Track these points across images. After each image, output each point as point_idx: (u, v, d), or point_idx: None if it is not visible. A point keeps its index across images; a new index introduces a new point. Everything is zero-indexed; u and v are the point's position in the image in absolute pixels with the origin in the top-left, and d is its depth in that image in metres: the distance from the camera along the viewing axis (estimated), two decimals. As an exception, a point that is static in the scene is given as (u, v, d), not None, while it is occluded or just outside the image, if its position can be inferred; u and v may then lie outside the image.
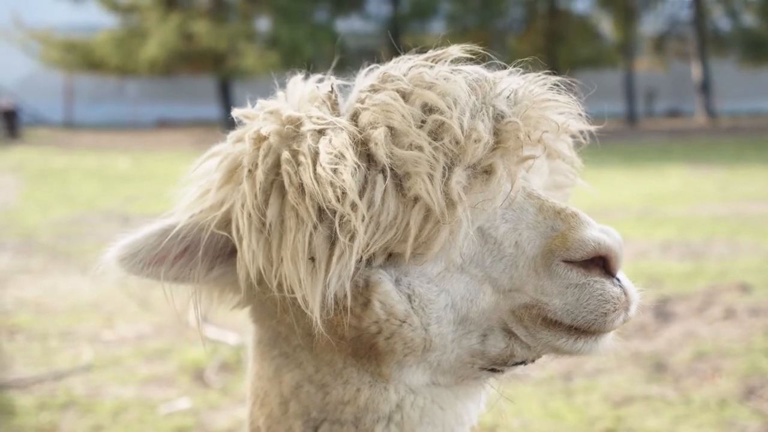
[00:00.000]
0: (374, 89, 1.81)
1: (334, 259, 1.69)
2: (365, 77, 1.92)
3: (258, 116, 1.92)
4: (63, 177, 24.77)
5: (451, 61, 1.90)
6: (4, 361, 7.80)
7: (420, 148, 1.69)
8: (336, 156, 1.68)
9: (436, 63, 1.88)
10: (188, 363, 7.61)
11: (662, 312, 8.86)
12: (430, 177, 1.68)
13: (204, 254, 1.85)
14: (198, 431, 6.21)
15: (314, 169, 1.69)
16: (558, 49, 49.81)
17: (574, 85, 1.96)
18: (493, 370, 1.88)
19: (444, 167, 1.70)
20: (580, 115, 1.97)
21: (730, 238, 13.37)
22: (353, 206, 1.66)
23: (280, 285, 1.76)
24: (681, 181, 22.46)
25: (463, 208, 1.69)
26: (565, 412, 6.43)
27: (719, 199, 18.40)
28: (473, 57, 1.95)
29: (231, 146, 1.95)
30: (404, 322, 1.75)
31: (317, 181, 1.68)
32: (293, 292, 1.73)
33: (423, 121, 1.73)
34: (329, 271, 1.70)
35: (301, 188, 1.71)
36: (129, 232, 1.91)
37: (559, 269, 1.76)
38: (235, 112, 2.05)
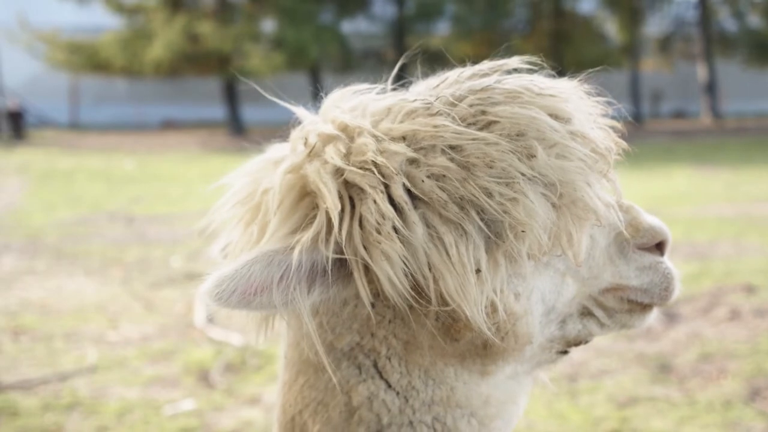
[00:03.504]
0: (494, 102, 1.81)
1: (501, 267, 1.75)
2: (452, 86, 1.90)
3: (361, 130, 1.83)
4: (68, 178, 24.82)
5: (507, 72, 1.93)
6: (9, 362, 7.82)
7: (571, 158, 1.76)
8: (502, 169, 1.71)
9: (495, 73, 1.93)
10: (193, 364, 7.62)
11: (667, 313, 8.84)
12: (588, 184, 1.77)
13: (301, 276, 1.76)
14: (202, 432, 6.22)
15: (478, 182, 1.71)
16: (563, 49, 49.79)
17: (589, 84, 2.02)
18: (565, 352, 2.03)
19: (595, 175, 1.81)
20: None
21: (736, 239, 13.34)
22: (527, 214, 1.71)
23: (441, 298, 1.75)
24: (687, 182, 22.43)
25: (614, 211, 1.85)
26: (570, 412, 6.42)
27: (725, 200, 18.38)
28: (535, 67, 1.99)
29: (308, 163, 1.84)
30: (519, 319, 1.83)
31: (487, 194, 1.70)
32: (447, 305, 1.74)
33: (569, 132, 1.79)
34: (495, 279, 1.75)
35: (461, 201, 1.71)
36: (219, 265, 1.80)
37: (634, 255, 1.99)
38: (306, 129, 1.93)
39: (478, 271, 1.72)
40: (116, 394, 6.97)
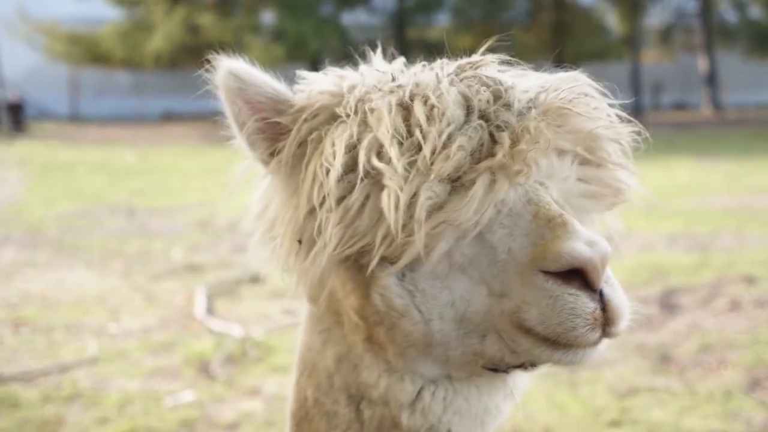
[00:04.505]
0: (381, 93, 1.83)
1: (313, 251, 1.77)
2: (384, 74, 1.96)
3: (313, 88, 1.97)
4: (69, 170, 24.81)
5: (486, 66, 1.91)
6: (10, 353, 7.83)
7: (393, 163, 1.70)
8: (331, 155, 1.75)
9: (472, 69, 1.88)
10: (193, 356, 7.63)
11: (668, 304, 8.85)
12: (397, 194, 1.68)
13: (273, 134, 1.94)
14: (203, 424, 6.22)
15: (321, 163, 1.77)
16: (564, 41, 49.70)
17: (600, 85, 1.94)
18: (495, 370, 1.87)
19: (415, 184, 1.69)
20: (612, 118, 1.94)
21: (737, 231, 13.34)
22: (330, 210, 1.72)
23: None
24: (688, 174, 22.42)
25: (421, 228, 1.68)
26: (570, 403, 6.43)
27: (726, 192, 18.37)
28: (511, 63, 1.95)
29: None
30: (403, 315, 1.77)
31: (312, 177, 1.77)
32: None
33: (408, 135, 1.74)
34: (310, 259, 1.78)
35: (310, 174, 1.79)
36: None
37: (537, 279, 1.73)
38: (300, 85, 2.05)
39: (299, 241, 1.82)
40: (117, 385, 6.98)
